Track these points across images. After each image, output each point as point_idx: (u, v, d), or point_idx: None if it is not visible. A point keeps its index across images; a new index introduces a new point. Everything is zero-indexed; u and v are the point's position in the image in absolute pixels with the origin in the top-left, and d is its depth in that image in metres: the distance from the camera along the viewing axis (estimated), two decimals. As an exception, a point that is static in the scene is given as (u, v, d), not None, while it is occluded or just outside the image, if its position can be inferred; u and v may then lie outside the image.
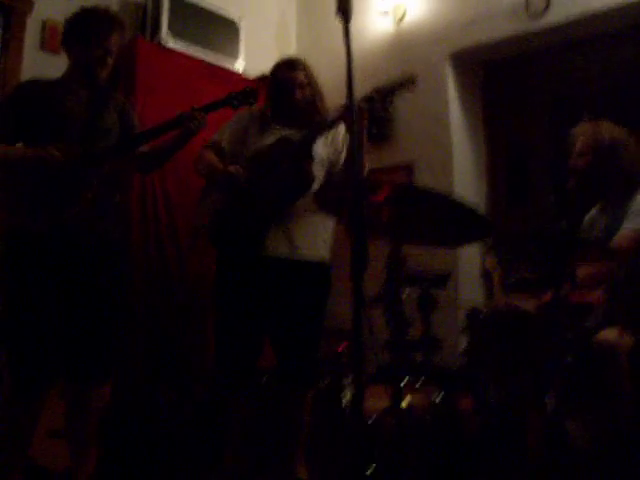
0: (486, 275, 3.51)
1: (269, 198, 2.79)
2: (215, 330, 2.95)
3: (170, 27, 3.96)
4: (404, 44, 4.56)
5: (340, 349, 3.57)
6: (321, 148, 2.90)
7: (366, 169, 2.79)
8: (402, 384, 2.19)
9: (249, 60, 4.43)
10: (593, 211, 3.06)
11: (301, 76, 2.99)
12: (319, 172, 2.85)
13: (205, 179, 3.02)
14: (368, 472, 2.20)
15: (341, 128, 2.95)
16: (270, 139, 2.90)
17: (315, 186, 2.79)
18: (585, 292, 2.51)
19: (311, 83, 3.01)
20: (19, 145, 2.59)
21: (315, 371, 2.91)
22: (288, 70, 3.01)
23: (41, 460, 2.79)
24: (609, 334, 2.41)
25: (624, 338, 2.37)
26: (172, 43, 3.97)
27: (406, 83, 2.75)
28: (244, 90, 2.80)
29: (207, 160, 2.94)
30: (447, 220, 2.03)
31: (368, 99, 2.74)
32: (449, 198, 2.15)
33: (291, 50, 5.15)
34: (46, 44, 3.59)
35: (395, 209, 1.98)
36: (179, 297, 3.76)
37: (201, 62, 4.12)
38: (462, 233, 2.20)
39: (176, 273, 3.77)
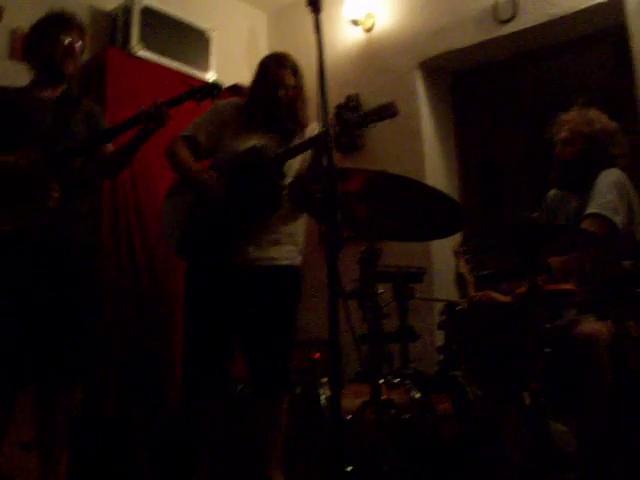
0: (460, 278, 3.52)
1: (241, 212, 2.77)
2: (185, 337, 2.92)
3: (140, 38, 3.94)
4: (374, 53, 4.60)
5: (316, 356, 3.54)
6: (297, 162, 2.88)
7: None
8: (380, 381, 2.18)
9: (220, 71, 4.42)
10: (553, 191, 3.04)
11: (288, 76, 2.92)
12: (290, 178, 2.84)
13: (176, 175, 2.98)
14: (348, 469, 2.20)
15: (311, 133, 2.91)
16: (246, 143, 2.85)
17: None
18: (560, 281, 2.52)
19: (298, 85, 2.94)
20: None
21: (288, 376, 2.86)
22: (277, 67, 2.93)
23: (11, 472, 2.73)
24: (588, 325, 2.40)
25: (604, 328, 2.36)
26: (142, 54, 3.96)
27: (389, 114, 2.69)
28: (207, 83, 2.82)
29: (182, 158, 2.89)
30: (421, 209, 2.03)
31: (345, 123, 2.73)
32: (422, 184, 2.15)
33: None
34: (16, 52, 3.55)
35: (369, 198, 1.97)
36: (150, 304, 3.70)
37: (172, 71, 4.11)
38: (436, 224, 2.20)
39: (147, 280, 3.72)
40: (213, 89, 2.75)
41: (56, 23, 2.74)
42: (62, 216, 2.55)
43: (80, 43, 2.78)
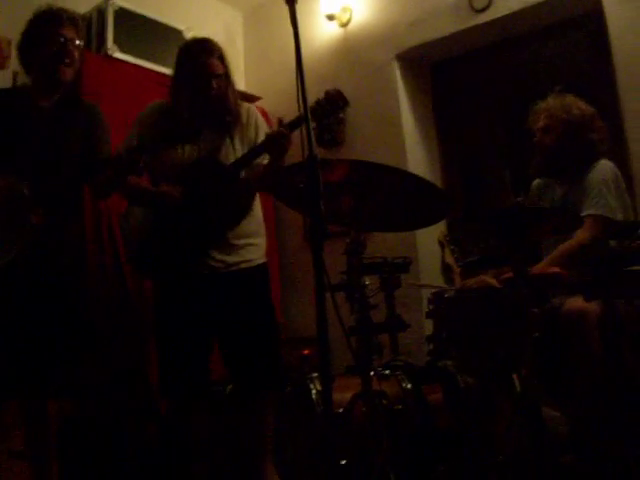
0: (446, 270, 3.52)
1: (205, 222, 2.70)
2: (158, 348, 2.85)
3: (116, 39, 3.90)
4: (351, 47, 4.60)
5: (305, 352, 3.53)
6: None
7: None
8: (371, 372, 2.17)
9: (198, 71, 4.39)
10: (538, 180, 3.06)
11: (217, 64, 2.73)
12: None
13: (127, 199, 2.88)
14: (343, 462, 2.19)
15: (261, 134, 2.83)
16: (187, 147, 2.73)
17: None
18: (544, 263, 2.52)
19: (227, 73, 2.77)
20: None
21: (277, 372, 2.82)
22: (204, 55, 2.71)
23: (3, 480, 2.70)
24: (577, 303, 2.40)
25: (592, 305, 2.37)
26: (118, 55, 3.92)
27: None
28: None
29: (130, 183, 2.72)
30: (404, 197, 2.02)
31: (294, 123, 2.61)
32: (404, 171, 2.14)
33: (239, 59, 5.15)
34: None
35: (352, 188, 1.96)
36: (137, 309, 3.67)
37: (149, 72, 4.07)
38: (420, 212, 2.20)
39: (133, 285, 3.68)
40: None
41: (50, 20, 2.59)
42: (50, 236, 2.51)
43: (78, 42, 2.63)
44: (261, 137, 2.80)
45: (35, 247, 2.45)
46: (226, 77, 2.76)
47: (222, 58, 2.76)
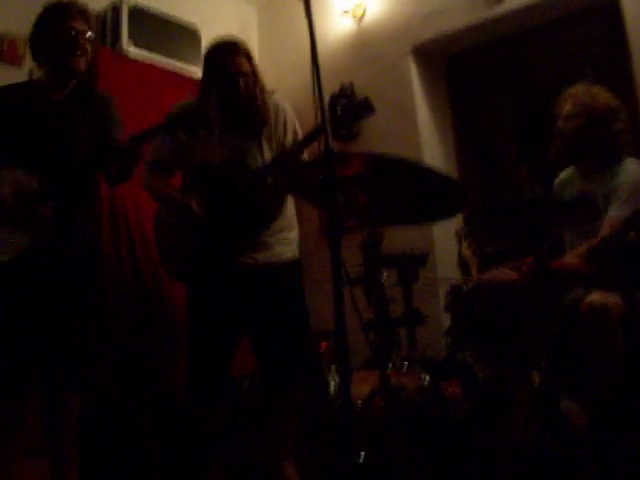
0: (463, 263, 3.50)
1: (236, 227, 2.72)
2: (189, 346, 2.86)
3: (130, 36, 3.91)
4: (366, 42, 4.57)
5: (322, 349, 3.53)
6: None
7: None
8: (389, 367, 2.17)
9: (212, 67, 4.40)
10: (563, 174, 3.04)
11: (244, 63, 2.71)
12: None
13: (158, 202, 2.92)
14: (361, 455, 2.18)
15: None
16: (217, 148, 2.73)
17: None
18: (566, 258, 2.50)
19: (254, 71, 2.74)
20: None
21: (305, 367, 2.83)
22: (228, 56, 2.69)
23: (21, 479, 2.71)
24: (598, 296, 2.38)
25: (614, 299, 2.34)
26: (133, 52, 3.93)
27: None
28: (182, 114, 2.58)
29: (159, 190, 2.82)
30: (421, 191, 2.01)
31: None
32: (420, 164, 2.12)
33: (253, 54, 5.13)
34: (5, 56, 3.53)
35: (368, 182, 1.95)
36: (155, 309, 3.68)
37: (163, 69, 4.09)
38: (437, 206, 2.18)
39: (152, 284, 3.70)
40: (189, 118, 2.55)
41: (59, 13, 2.59)
42: (60, 236, 2.50)
43: (89, 33, 2.63)
44: (289, 136, 2.82)
45: (48, 238, 2.46)
46: (254, 76, 2.74)
47: (249, 57, 2.75)
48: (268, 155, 2.77)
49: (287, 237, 2.86)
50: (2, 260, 2.41)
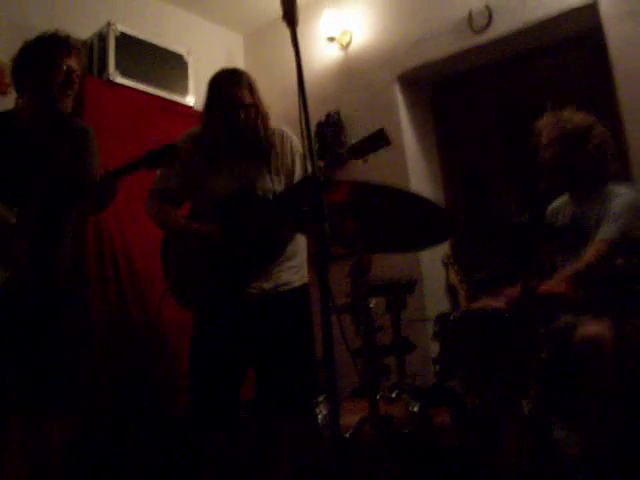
0: (451, 290, 3.49)
1: (246, 257, 2.68)
2: (194, 376, 2.79)
3: (117, 65, 3.91)
4: (352, 69, 4.62)
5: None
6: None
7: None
8: (378, 396, 2.14)
9: (199, 94, 4.38)
10: (557, 201, 3.05)
11: (246, 95, 2.73)
12: None
13: (166, 232, 2.89)
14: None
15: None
16: (225, 178, 2.74)
17: None
18: (552, 283, 2.49)
19: (256, 102, 2.75)
20: None
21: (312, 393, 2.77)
22: (231, 87, 2.72)
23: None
24: (590, 327, 2.37)
25: (605, 330, 2.33)
26: (120, 80, 3.93)
27: (382, 142, 2.56)
28: (162, 149, 2.48)
29: (167, 218, 2.80)
30: (408, 218, 2.01)
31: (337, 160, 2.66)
32: (407, 191, 2.13)
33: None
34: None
35: (355, 209, 1.94)
36: (140, 331, 3.64)
37: (151, 97, 4.09)
38: (425, 233, 2.18)
39: (136, 310, 3.65)
40: (169, 154, 2.47)
41: (55, 45, 2.57)
42: (38, 265, 2.50)
43: (79, 72, 2.62)
44: (298, 163, 2.83)
45: (26, 271, 2.45)
46: (255, 107, 2.75)
47: (251, 88, 2.76)
48: (277, 183, 2.76)
49: (294, 265, 2.83)
50: None
